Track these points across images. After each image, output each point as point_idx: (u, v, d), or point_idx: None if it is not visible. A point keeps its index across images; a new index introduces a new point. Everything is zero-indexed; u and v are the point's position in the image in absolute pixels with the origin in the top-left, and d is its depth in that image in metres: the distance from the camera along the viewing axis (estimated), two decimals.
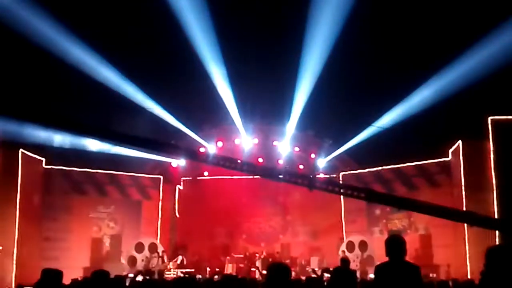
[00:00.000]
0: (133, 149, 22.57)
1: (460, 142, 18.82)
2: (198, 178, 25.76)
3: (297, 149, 24.63)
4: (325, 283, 9.27)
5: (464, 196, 18.12)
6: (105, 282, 6.02)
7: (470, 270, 16.91)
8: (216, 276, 16.51)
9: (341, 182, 22.79)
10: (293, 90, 21.76)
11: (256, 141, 24.62)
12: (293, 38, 20.11)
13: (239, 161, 14.19)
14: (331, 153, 23.91)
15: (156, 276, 18.75)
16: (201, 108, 23.32)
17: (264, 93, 22.12)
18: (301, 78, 21.19)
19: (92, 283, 5.88)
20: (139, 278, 14.67)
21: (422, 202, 13.01)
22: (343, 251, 21.83)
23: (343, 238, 22.93)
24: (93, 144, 21.46)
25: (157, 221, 23.44)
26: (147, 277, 15.83)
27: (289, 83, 21.51)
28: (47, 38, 17.69)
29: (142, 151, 22.31)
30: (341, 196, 23.01)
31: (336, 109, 21.94)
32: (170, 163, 24.82)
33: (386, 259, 5.96)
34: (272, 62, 21.58)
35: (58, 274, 5.81)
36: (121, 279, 9.59)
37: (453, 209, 13.87)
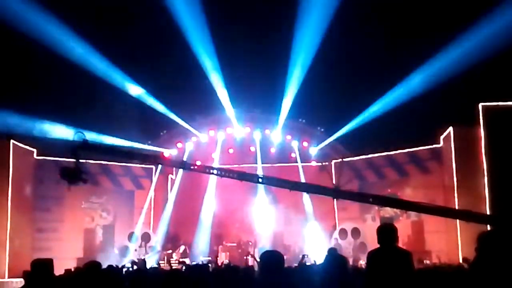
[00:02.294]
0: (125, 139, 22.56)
1: (451, 128, 18.88)
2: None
3: (289, 137, 24.65)
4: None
5: (455, 182, 18.22)
6: (98, 273, 6.01)
7: (462, 255, 17.02)
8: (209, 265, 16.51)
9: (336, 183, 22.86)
10: (284, 78, 21.76)
11: (248, 130, 24.60)
12: (284, 27, 20.09)
13: (276, 179, 14.64)
14: (323, 141, 23.96)
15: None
16: (193, 97, 23.30)
17: (256, 82, 22.13)
18: (292, 66, 21.18)
19: (85, 275, 5.87)
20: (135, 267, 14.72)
21: (425, 204, 13.31)
22: (336, 239, 21.93)
23: (335, 226, 23.01)
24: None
25: (150, 211, 23.41)
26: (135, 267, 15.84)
27: (280, 71, 21.51)
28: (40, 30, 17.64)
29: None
30: (333, 184, 23.12)
31: (328, 96, 21.98)
32: (162, 152, 24.76)
33: (379, 246, 6.00)
34: (264, 51, 21.57)
35: (47, 264, 5.76)
36: (114, 269, 9.59)
37: (455, 209, 14.07)
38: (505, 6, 16.37)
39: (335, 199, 22.61)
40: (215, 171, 16.19)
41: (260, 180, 15.24)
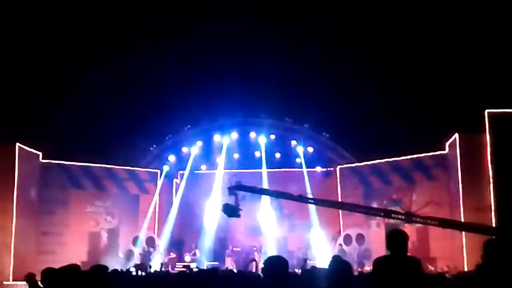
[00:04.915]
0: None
1: (457, 135, 18.82)
2: (195, 171, 25.73)
3: (294, 142, 24.62)
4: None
5: (460, 189, 18.15)
6: (104, 277, 6.00)
7: (467, 262, 16.95)
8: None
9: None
10: (290, 83, 21.79)
11: (253, 135, 24.61)
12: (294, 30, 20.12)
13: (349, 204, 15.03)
14: (328, 147, 23.95)
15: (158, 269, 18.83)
16: (199, 102, 23.35)
17: (262, 87, 22.17)
18: (298, 71, 21.21)
19: (91, 278, 5.85)
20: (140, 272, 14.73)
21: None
22: (340, 244, 21.87)
23: (340, 231, 22.94)
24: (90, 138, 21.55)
25: (155, 215, 23.41)
26: (142, 272, 15.85)
27: (286, 77, 21.55)
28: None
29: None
30: (338, 189, 23.12)
31: (333, 102, 21.99)
32: (168, 156, 24.81)
33: (383, 252, 5.87)
34: (269, 55, 21.61)
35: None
36: (119, 273, 9.60)
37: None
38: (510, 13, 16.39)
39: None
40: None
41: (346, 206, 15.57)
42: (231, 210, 14.72)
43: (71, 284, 5.23)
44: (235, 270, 14.42)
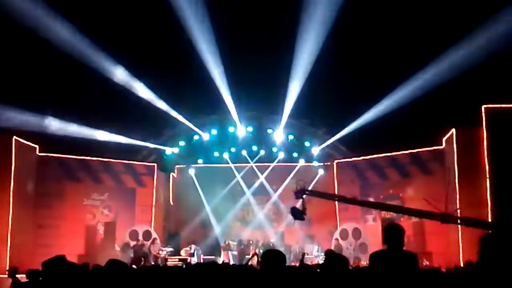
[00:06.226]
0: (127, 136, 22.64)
1: (453, 130, 18.86)
2: (192, 165, 25.76)
3: (291, 137, 24.66)
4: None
5: (457, 184, 18.18)
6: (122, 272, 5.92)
7: (463, 257, 17.00)
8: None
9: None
10: (287, 78, 21.79)
11: (250, 129, 24.64)
12: (288, 27, 20.10)
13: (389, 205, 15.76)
14: (325, 141, 23.98)
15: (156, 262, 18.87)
16: (196, 96, 23.32)
17: (259, 81, 22.15)
18: (295, 66, 21.20)
19: (106, 272, 5.76)
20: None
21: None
22: (337, 239, 21.92)
23: (337, 226, 23.01)
24: (87, 132, 21.52)
25: (151, 209, 23.40)
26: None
27: (283, 71, 21.53)
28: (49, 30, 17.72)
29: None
30: (335, 184, 23.17)
31: (331, 97, 21.98)
32: (165, 150, 24.82)
33: (380, 246, 5.90)
34: (267, 50, 21.58)
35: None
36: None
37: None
38: (508, 8, 16.37)
39: (336, 202, 22.65)
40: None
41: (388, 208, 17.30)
42: (298, 213, 15.78)
43: (58, 274, 5.22)
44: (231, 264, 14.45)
